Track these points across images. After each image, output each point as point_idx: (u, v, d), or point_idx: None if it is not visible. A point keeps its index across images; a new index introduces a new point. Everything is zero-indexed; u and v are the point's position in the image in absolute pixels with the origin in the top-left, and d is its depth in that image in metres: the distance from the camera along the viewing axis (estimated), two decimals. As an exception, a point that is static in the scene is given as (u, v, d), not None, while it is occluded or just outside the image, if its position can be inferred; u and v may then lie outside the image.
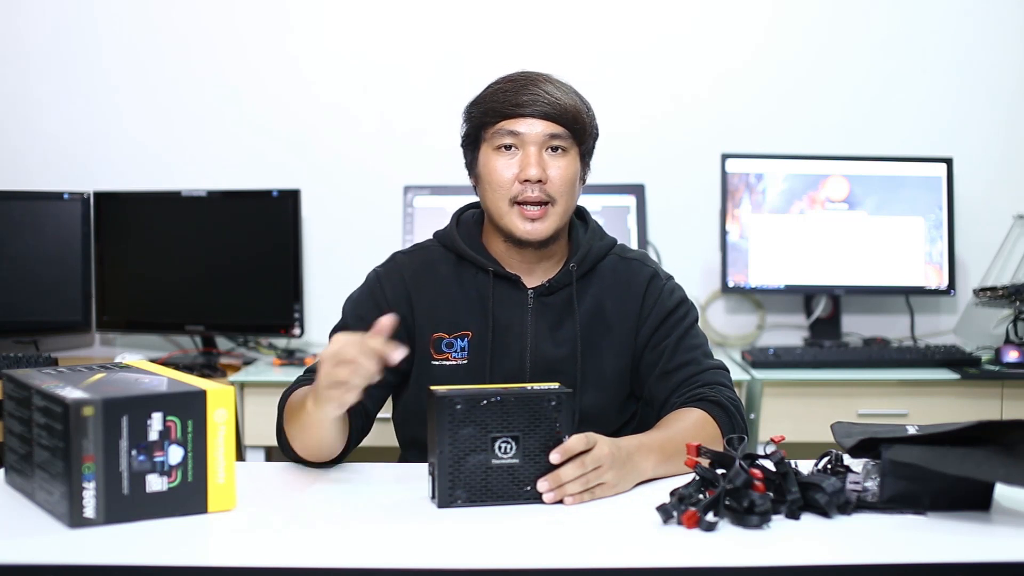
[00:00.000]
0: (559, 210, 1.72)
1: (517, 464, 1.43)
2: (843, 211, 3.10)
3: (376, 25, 3.26)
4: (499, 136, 1.71)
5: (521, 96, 1.70)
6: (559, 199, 1.71)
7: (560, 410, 1.43)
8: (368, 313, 1.71)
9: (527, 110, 1.69)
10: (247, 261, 3.08)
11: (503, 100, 1.70)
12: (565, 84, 1.76)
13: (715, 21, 3.27)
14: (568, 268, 1.77)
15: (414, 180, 3.12)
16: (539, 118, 1.69)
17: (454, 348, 1.74)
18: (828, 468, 1.50)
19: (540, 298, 1.76)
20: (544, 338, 1.75)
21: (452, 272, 1.77)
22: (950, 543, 1.29)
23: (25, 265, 3.02)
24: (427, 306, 1.75)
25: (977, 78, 3.26)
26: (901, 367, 2.88)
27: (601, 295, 1.78)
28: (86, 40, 3.27)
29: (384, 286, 1.77)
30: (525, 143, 1.70)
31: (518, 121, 1.70)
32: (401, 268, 1.78)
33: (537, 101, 1.69)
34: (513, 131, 1.70)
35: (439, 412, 1.41)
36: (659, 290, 1.79)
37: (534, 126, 1.69)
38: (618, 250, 1.84)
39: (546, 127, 1.70)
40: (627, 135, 3.23)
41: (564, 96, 1.72)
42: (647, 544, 1.29)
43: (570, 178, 1.72)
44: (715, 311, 3.30)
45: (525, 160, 1.69)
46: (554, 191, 1.70)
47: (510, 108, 1.70)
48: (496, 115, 1.71)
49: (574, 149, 1.73)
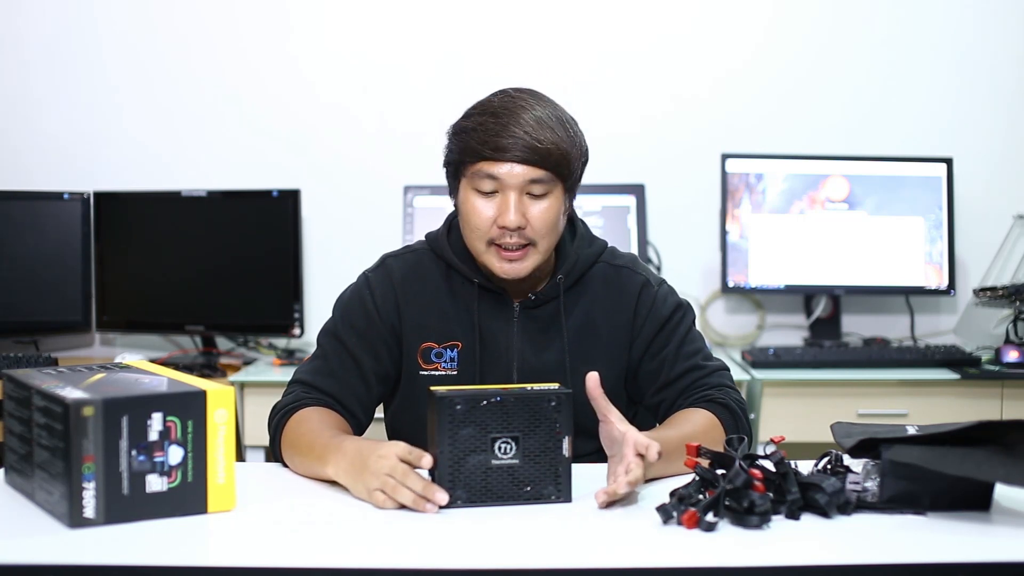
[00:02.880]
0: (540, 250, 1.66)
1: (517, 465, 1.42)
2: (843, 211, 3.10)
3: (376, 25, 3.26)
4: (478, 178, 1.63)
5: (501, 138, 1.60)
6: (540, 241, 1.65)
7: (560, 410, 1.43)
8: (360, 322, 1.73)
9: (507, 155, 1.60)
10: (247, 261, 3.08)
11: (482, 140, 1.61)
12: (550, 111, 1.64)
13: (715, 21, 3.27)
14: (555, 281, 1.73)
15: (414, 180, 3.12)
16: (519, 163, 1.61)
17: (443, 358, 1.73)
18: (828, 468, 1.50)
19: (527, 311, 1.74)
20: (531, 351, 1.73)
21: (442, 280, 1.75)
22: (950, 543, 1.29)
23: (25, 265, 3.02)
24: (416, 315, 1.73)
25: (977, 78, 3.26)
26: (901, 367, 2.88)
27: (591, 306, 1.75)
28: (86, 40, 3.27)
29: (374, 293, 1.74)
30: (505, 187, 1.62)
31: (498, 165, 1.61)
32: (391, 273, 1.75)
33: (518, 144, 1.59)
34: (492, 175, 1.62)
35: (439, 412, 1.41)
36: (652, 298, 1.76)
37: (514, 169, 1.61)
38: (607, 256, 1.79)
39: (527, 172, 1.61)
40: (627, 135, 3.24)
41: (548, 133, 1.61)
42: (647, 544, 1.29)
43: (552, 220, 1.64)
44: (715, 311, 3.30)
45: (504, 205, 1.62)
46: (534, 235, 1.64)
47: (489, 151, 1.61)
48: (475, 155, 1.63)
49: (558, 188, 1.65)
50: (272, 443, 1.69)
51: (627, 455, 1.42)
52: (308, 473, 1.58)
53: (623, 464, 1.42)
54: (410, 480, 1.40)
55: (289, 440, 1.64)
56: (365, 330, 1.73)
